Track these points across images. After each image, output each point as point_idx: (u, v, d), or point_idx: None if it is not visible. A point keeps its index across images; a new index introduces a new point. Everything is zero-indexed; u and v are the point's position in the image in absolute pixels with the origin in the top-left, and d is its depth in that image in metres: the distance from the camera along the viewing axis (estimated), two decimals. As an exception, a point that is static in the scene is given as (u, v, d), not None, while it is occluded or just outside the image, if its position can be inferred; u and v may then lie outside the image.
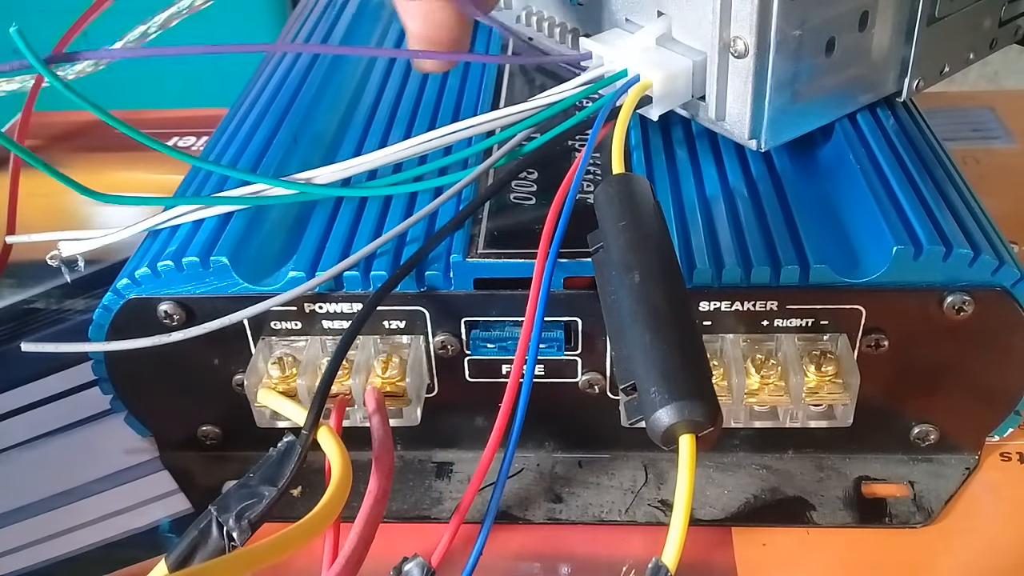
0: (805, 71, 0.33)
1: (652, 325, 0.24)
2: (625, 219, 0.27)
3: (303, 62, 0.43)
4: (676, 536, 0.23)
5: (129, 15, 0.43)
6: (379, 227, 0.33)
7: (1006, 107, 0.54)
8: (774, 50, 0.31)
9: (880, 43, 0.34)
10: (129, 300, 0.32)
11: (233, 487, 0.27)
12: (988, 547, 0.32)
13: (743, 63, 0.32)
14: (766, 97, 0.32)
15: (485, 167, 0.33)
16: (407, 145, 0.33)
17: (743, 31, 0.31)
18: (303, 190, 0.33)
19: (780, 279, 0.31)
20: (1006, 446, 0.35)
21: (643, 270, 0.26)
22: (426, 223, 0.33)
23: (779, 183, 0.35)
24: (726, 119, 0.34)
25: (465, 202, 0.33)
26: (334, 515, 0.26)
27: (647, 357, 0.24)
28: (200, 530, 0.26)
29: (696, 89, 0.33)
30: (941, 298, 0.31)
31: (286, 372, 0.32)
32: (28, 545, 0.33)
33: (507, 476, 0.28)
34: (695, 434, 0.23)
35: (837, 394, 0.31)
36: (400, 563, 0.27)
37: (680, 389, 0.23)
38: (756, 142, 0.34)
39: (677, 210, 0.33)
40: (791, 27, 0.31)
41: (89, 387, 0.38)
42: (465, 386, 0.33)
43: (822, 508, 0.33)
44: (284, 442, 0.28)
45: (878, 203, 0.32)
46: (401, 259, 0.32)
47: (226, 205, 0.33)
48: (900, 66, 0.36)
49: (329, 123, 0.40)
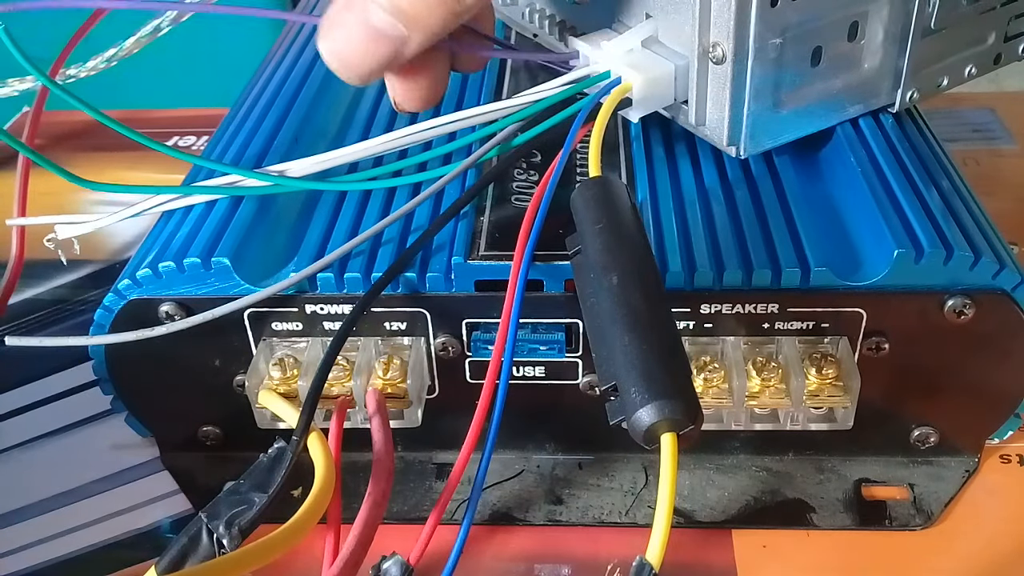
0: (788, 79, 0.32)
1: (631, 326, 0.25)
2: (602, 222, 0.27)
3: (304, 62, 0.43)
4: (659, 533, 0.23)
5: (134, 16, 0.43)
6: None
7: (1007, 108, 0.54)
8: (752, 57, 0.31)
9: (872, 54, 0.34)
10: (130, 300, 0.32)
11: (223, 493, 0.27)
12: (988, 549, 0.32)
13: (721, 69, 0.32)
14: (744, 104, 0.32)
15: (469, 163, 0.33)
16: (389, 138, 0.33)
17: (721, 37, 0.31)
18: (277, 182, 0.33)
19: (781, 282, 0.31)
20: (1006, 448, 0.35)
21: (621, 272, 0.26)
22: (402, 224, 0.33)
23: (780, 185, 0.35)
24: (706, 124, 0.33)
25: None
26: (311, 523, 0.26)
27: (627, 358, 0.24)
28: (190, 537, 0.26)
29: (679, 93, 0.33)
30: (942, 301, 0.31)
31: (287, 373, 0.32)
32: (29, 545, 0.33)
33: (484, 475, 0.28)
34: (676, 432, 0.23)
35: (838, 397, 0.31)
36: (379, 561, 0.27)
37: (660, 388, 0.23)
38: (735, 148, 0.33)
39: (678, 212, 0.33)
40: (771, 34, 0.31)
41: (89, 387, 0.38)
42: (466, 387, 0.33)
43: (822, 510, 0.33)
44: (275, 448, 0.28)
45: (879, 206, 0.32)
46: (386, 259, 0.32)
47: (205, 195, 0.34)
48: (893, 78, 0.35)
49: (330, 122, 0.40)
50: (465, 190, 0.33)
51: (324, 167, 0.33)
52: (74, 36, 0.42)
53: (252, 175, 0.33)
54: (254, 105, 0.41)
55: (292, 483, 0.27)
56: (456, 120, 0.33)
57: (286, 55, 0.45)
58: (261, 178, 0.33)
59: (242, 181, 0.33)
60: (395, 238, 0.33)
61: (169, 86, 0.77)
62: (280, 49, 0.46)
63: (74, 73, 0.45)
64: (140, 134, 0.33)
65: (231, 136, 0.39)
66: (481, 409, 0.28)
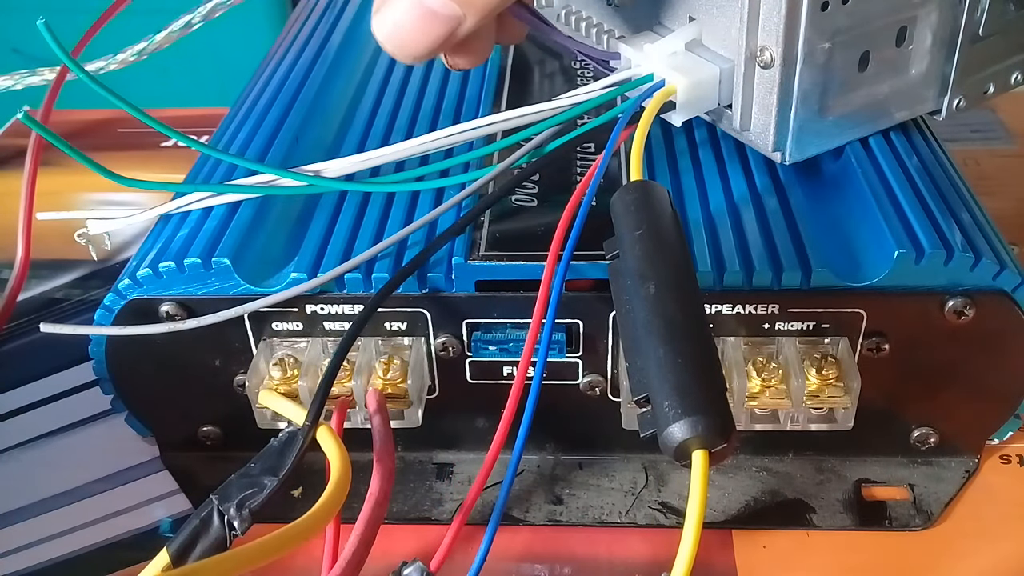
0: (835, 85, 0.32)
1: (667, 338, 0.24)
2: (642, 228, 0.27)
3: (304, 61, 0.43)
4: (686, 552, 0.22)
5: (147, 16, 0.43)
6: (381, 229, 0.33)
7: (1007, 108, 0.54)
8: (801, 62, 0.31)
9: (919, 60, 0.33)
10: (131, 300, 0.32)
11: (234, 476, 0.27)
12: (988, 550, 0.32)
13: (769, 74, 0.31)
14: (792, 110, 0.32)
15: (505, 165, 0.32)
16: (428, 139, 0.33)
17: (770, 41, 0.31)
18: (312, 182, 0.33)
19: (782, 282, 0.31)
20: (1006, 449, 0.35)
21: (659, 281, 0.25)
22: (426, 225, 0.33)
23: (780, 186, 0.35)
24: (751, 130, 0.33)
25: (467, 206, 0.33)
26: (332, 514, 0.26)
27: (661, 370, 0.24)
28: (201, 519, 0.26)
29: (723, 97, 0.33)
30: (942, 302, 0.31)
31: (287, 373, 0.32)
32: (29, 545, 0.33)
33: (512, 479, 0.27)
34: (708, 450, 0.23)
35: (838, 397, 0.31)
36: (400, 567, 0.27)
37: (694, 404, 0.23)
38: (781, 154, 0.33)
39: (679, 213, 0.33)
40: (820, 39, 0.31)
41: (89, 387, 0.38)
42: (466, 388, 0.33)
43: (822, 511, 0.33)
44: (286, 432, 0.28)
45: (879, 206, 0.32)
46: (403, 260, 0.32)
47: (238, 193, 0.34)
48: (940, 84, 0.34)
49: (331, 123, 0.40)
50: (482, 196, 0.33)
51: (363, 167, 0.33)
52: (95, 23, 0.42)
53: (287, 175, 0.33)
54: (254, 105, 0.41)
55: (293, 481, 0.27)
56: (489, 124, 0.33)
57: (286, 55, 0.45)
58: (296, 178, 0.33)
59: (276, 180, 0.33)
60: (396, 240, 0.32)
61: (169, 86, 0.77)
62: (280, 49, 0.46)
63: (103, 65, 0.45)
64: (177, 131, 0.34)
65: (232, 136, 0.39)
66: (510, 409, 0.28)
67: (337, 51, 0.45)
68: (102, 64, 0.45)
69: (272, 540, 0.24)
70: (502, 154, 0.33)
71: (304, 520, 0.25)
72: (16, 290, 0.42)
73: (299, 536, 0.25)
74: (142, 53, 0.41)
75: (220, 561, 0.24)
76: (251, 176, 0.34)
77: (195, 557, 0.26)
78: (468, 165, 0.35)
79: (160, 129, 0.34)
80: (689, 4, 0.33)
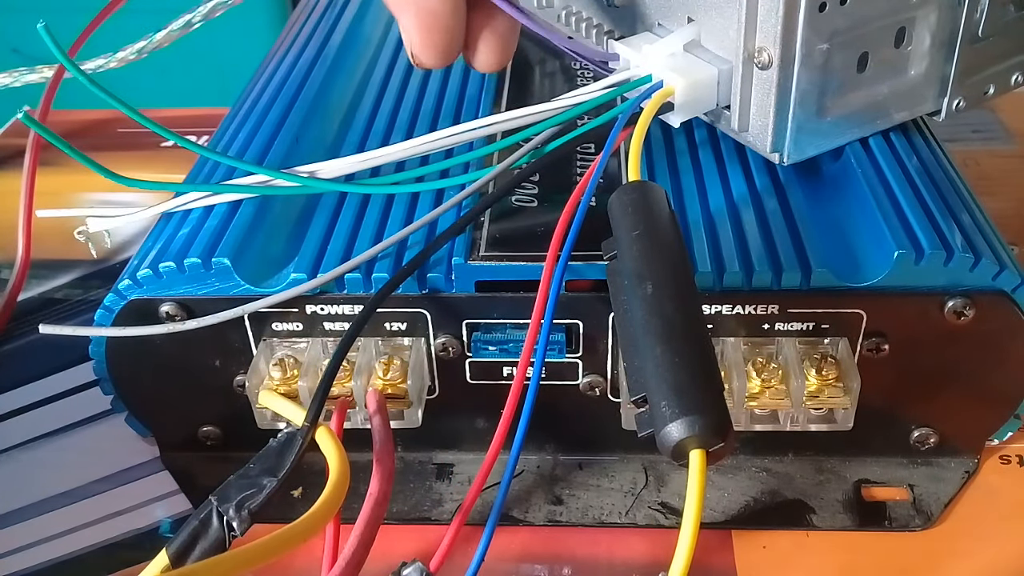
0: (833, 86, 0.32)
1: (664, 337, 0.24)
2: (639, 228, 0.27)
3: (305, 61, 0.43)
4: (683, 553, 0.22)
5: (144, 15, 0.43)
6: (381, 229, 0.33)
7: (1007, 109, 0.54)
8: (799, 63, 0.31)
9: (918, 61, 0.33)
10: (131, 301, 0.32)
11: (233, 477, 0.27)
12: (988, 550, 0.32)
13: (767, 75, 0.31)
14: (790, 111, 0.32)
15: (505, 165, 0.32)
16: (428, 139, 0.33)
17: (767, 42, 0.31)
18: (311, 183, 0.33)
19: (781, 283, 0.31)
20: (1006, 449, 0.35)
21: (656, 281, 0.25)
22: (426, 226, 0.33)
23: (780, 186, 0.35)
24: (749, 131, 0.33)
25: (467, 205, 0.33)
26: (331, 515, 0.26)
27: (658, 370, 0.24)
28: (200, 520, 0.26)
29: (722, 98, 0.33)
30: (942, 302, 0.31)
31: (287, 373, 0.32)
32: (29, 546, 0.33)
33: (510, 479, 0.28)
34: (705, 449, 0.23)
35: (838, 398, 0.31)
36: (399, 567, 0.27)
37: (690, 403, 0.23)
38: (779, 155, 0.33)
39: (678, 212, 0.33)
40: (818, 40, 0.31)
41: (89, 387, 0.38)
42: (466, 388, 0.33)
43: (822, 511, 0.33)
44: (284, 433, 0.28)
45: (879, 207, 0.32)
46: (403, 261, 0.32)
47: (238, 193, 0.34)
48: (940, 85, 0.34)
49: (331, 123, 0.40)
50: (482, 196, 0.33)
51: (363, 167, 0.33)
52: (92, 22, 0.42)
53: (287, 176, 0.33)
54: (254, 105, 0.41)
55: (293, 482, 0.27)
56: (489, 124, 0.33)
57: (286, 55, 0.45)
58: (296, 179, 0.33)
59: (272, 181, 0.33)
60: (396, 240, 0.32)
61: (169, 85, 0.77)
62: (280, 49, 0.46)
63: (103, 63, 0.45)
64: (173, 132, 0.34)
65: (232, 136, 0.39)
66: (509, 409, 0.28)
67: (337, 51, 0.45)
68: (101, 62, 0.45)
69: (271, 541, 0.24)
70: (502, 154, 0.33)
71: (303, 520, 0.25)
72: (16, 290, 0.42)
73: (298, 536, 0.25)
74: (142, 52, 0.41)
75: (219, 562, 0.24)
76: (251, 176, 0.34)
77: (194, 558, 0.26)
78: (468, 165, 0.35)
79: (157, 130, 0.34)
80: (688, 5, 0.33)
